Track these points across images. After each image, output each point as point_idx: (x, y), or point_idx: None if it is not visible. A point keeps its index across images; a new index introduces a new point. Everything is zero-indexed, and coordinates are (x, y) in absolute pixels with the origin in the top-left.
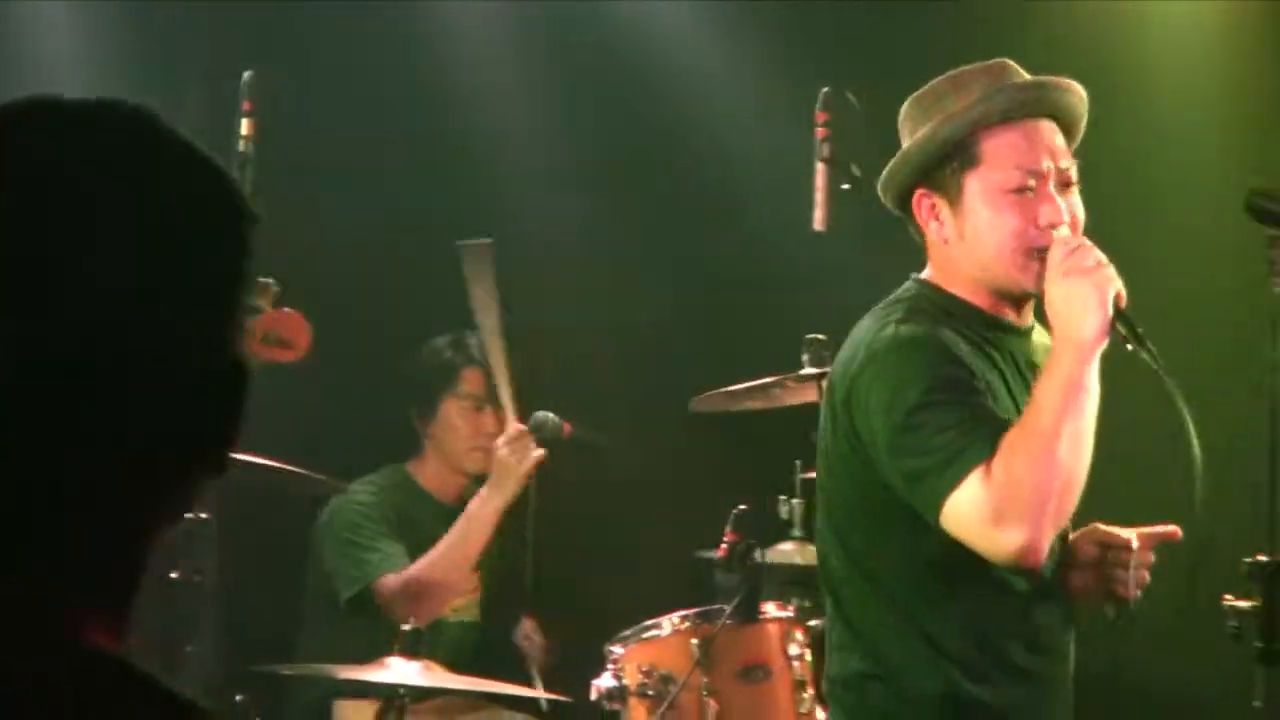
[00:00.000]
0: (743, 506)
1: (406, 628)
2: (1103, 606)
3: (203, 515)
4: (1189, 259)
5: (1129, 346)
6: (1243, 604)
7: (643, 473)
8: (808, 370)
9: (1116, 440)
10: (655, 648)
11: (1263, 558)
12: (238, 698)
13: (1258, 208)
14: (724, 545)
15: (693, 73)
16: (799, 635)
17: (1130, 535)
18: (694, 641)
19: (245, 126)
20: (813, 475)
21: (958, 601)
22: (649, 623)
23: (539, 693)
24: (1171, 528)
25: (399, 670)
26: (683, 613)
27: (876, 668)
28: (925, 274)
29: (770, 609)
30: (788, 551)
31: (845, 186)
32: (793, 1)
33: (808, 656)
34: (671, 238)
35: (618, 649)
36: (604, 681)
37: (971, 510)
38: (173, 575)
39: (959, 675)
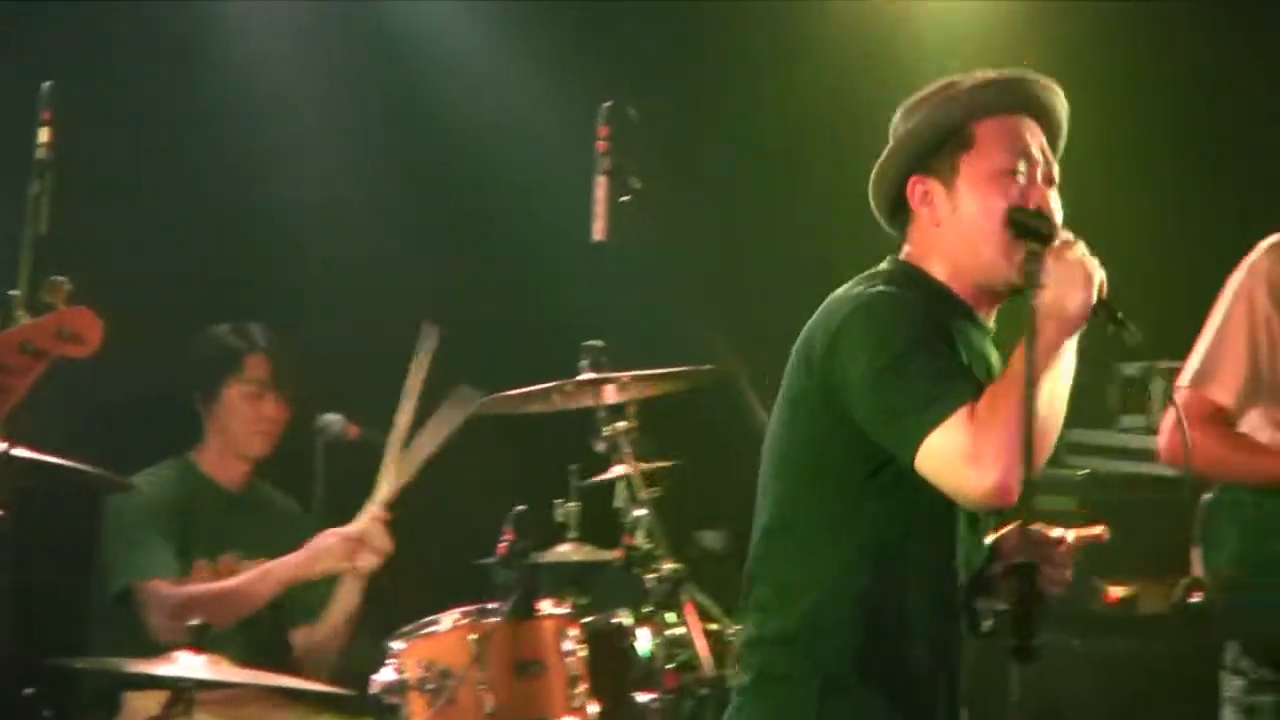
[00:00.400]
0: (521, 508)
1: (194, 622)
2: (1014, 600)
3: None
4: None
5: (1110, 328)
6: (997, 604)
7: (426, 473)
8: (586, 376)
9: None
10: (434, 643)
11: (1018, 559)
12: (26, 691)
13: (1017, 223)
14: (502, 545)
15: (480, 87)
16: (573, 632)
17: (1060, 534)
18: (472, 637)
19: (44, 135)
20: (589, 480)
21: (881, 566)
22: (428, 619)
23: (321, 686)
24: (1099, 530)
25: (185, 664)
26: (462, 609)
27: (790, 628)
28: (904, 255)
29: (546, 606)
30: (564, 552)
31: (624, 198)
32: (576, 16)
33: (581, 653)
34: (454, 246)
35: (398, 644)
36: (384, 676)
37: (951, 448)
38: None
39: (869, 636)
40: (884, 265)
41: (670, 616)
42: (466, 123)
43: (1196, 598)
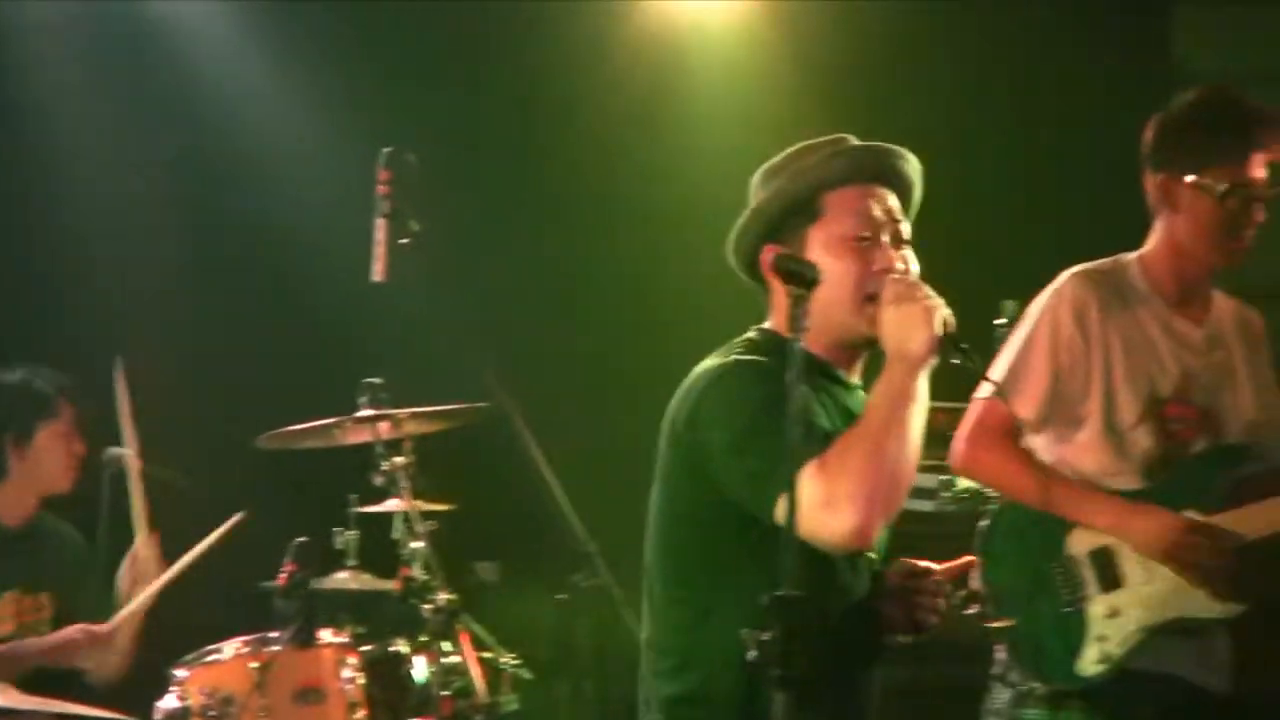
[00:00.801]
0: (302, 539)
1: None
2: (904, 631)
3: None
4: (728, 317)
5: (956, 362)
6: (762, 634)
7: (210, 505)
8: (365, 413)
9: None
10: (217, 671)
11: (780, 591)
12: None
13: (784, 269)
14: (283, 575)
15: (264, 132)
16: (352, 660)
17: (928, 565)
18: (253, 665)
19: None
20: (366, 509)
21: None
22: (211, 647)
23: (105, 713)
24: (968, 559)
25: None
26: (243, 638)
27: (692, 691)
28: (766, 324)
29: (326, 635)
30: (343, 580)
31: (404, 240)
32: (361, 65)
33: (360, 680)
34: (239, 287)
35: (181, 672)
36: (167, 703)
37: (805, 498)
38: None
39: (758, 688)
40: (748, 334)
41: (446, 645)
42: (250, 166)
43: (974, 609)
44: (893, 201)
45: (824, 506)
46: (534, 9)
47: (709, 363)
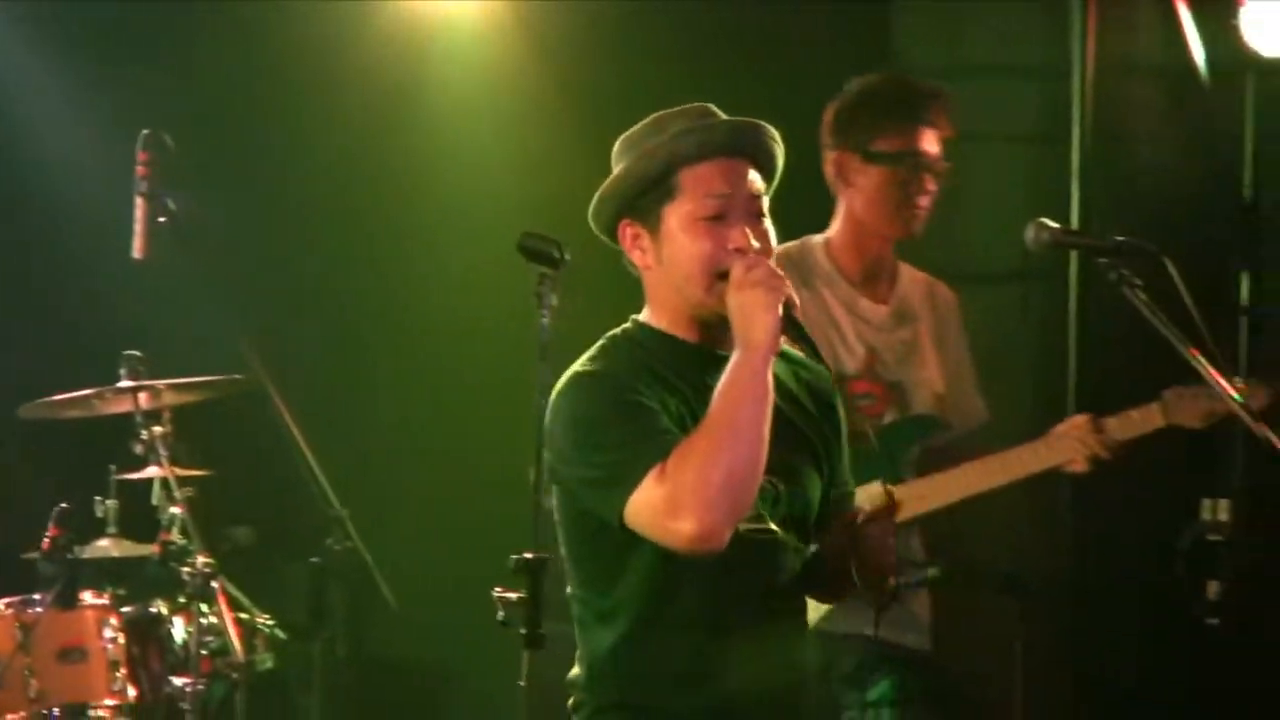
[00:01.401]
0: (63, 505)
1: None
2: (876, 587)
3: None
4: (474, 293)
5: (795, 346)
6: (510, 595)
7: None
8: (124, 384)
9: None
10: None
11: (528, 554)
12: None
13: (529, 249)
14: (46, 540)
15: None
16: (113, 621)
17: (860, 509)
18: (17, 626)
19: None
20: (126, 477)
21: (659, 612)
22: None
23: None
24: (888, 499)
25: None
26: (7, 600)
27: (580, 675)
28: (643, 313)
29: (87, 597)
30: (104, 546)
31: (162, 219)
32: (121, 44)
33: (121, 640)
34: (1, 264)
35: None
36: None
37: (649, 507)
38: None
39: (654, 681)
40: (624, 326)
41: (204, 606)
42: (9, 148)
43: None
44: (751, 175)
45: (667, 514)
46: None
47: (568, 372)
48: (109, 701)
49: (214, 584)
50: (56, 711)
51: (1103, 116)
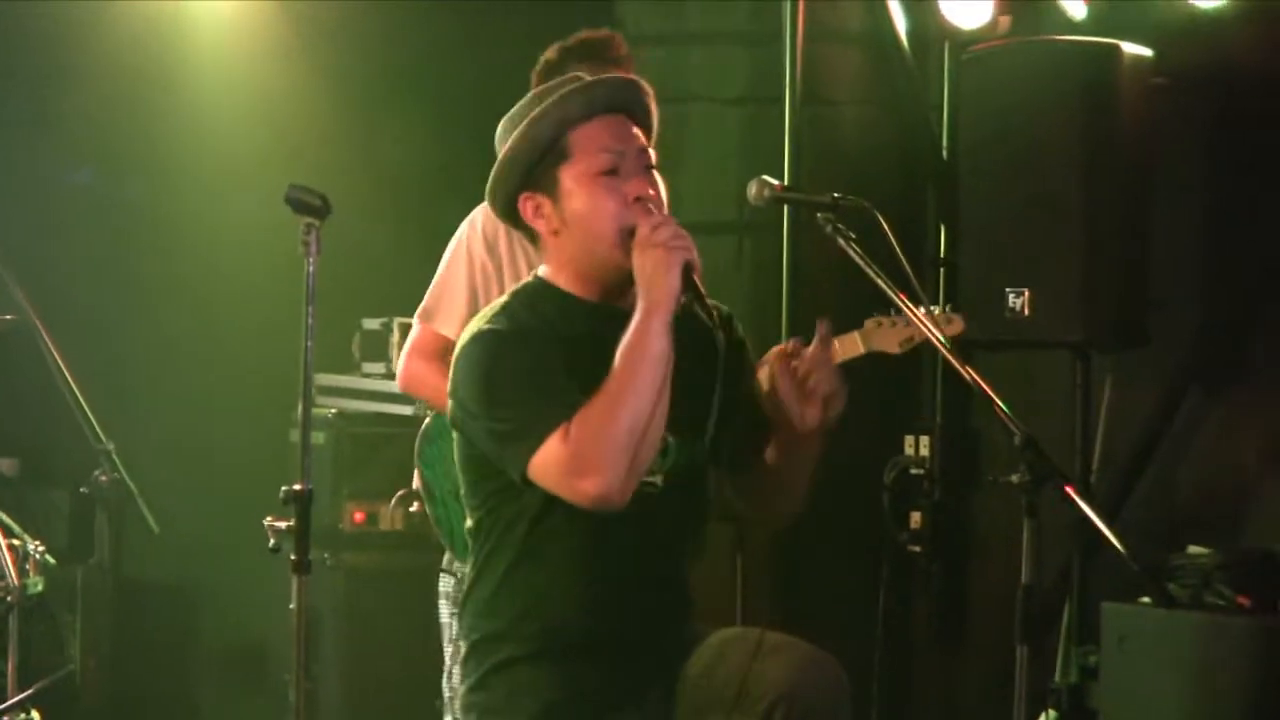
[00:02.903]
0: None
1: None
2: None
3: None
4: (245, 242)
5: (694, 308)
6: (280, 524)
7: None
8: None
9: None
10: None
11: (297, 486)
12: None
13: (294, 200)
14: None
15: None
16: None
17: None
18: None
19: None
20: None
21: (545, 552)
22: None
23: None
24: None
25: None
26: None
27: (475, 632)
28: (542, 270)
29: None
30: None
31: None
32: None
33: None
34: None
35: None
36: None
37: (554, 465)
38: None
39: (528, 622)
40: (524, 281)
41: None
42: None
43: (415, 507)
44: (636, 129)
45: (571, 473)
46: None
47: (469, 329)
48: None
49: None
50: None
51: (811, 81)
